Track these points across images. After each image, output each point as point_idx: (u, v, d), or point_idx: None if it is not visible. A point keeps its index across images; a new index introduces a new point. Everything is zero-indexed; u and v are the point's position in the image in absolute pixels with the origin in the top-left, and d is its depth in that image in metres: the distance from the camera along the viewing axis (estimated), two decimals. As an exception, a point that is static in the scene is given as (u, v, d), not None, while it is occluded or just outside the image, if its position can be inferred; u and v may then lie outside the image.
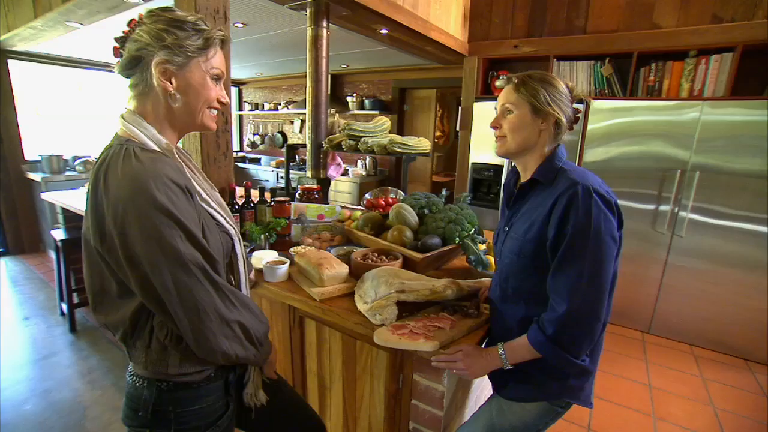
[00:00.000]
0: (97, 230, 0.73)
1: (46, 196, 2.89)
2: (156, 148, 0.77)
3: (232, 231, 0.88)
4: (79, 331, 2.67)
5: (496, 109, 1.05)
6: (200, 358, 0.80)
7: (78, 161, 3.93)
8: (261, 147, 6.40)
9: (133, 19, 0.76)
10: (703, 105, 2.50)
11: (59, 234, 2.63)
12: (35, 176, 3.77)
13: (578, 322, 0.86)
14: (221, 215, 0.86)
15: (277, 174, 5.64)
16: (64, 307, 2.71)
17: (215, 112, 0.86)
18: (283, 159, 5.84)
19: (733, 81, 2.46)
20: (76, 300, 2.71)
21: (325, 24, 2.17)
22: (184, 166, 0.84)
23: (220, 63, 0.82)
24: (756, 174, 2.42)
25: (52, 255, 3.95)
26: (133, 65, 0.76)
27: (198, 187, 0.82)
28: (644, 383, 2.34)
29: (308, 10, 2.15)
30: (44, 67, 4.29)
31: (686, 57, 2.63)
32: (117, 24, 2.83)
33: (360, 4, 2.13)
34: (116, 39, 0.77)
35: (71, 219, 2.80)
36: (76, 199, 2.67)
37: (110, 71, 4.75)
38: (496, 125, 1.03)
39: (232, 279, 0.93)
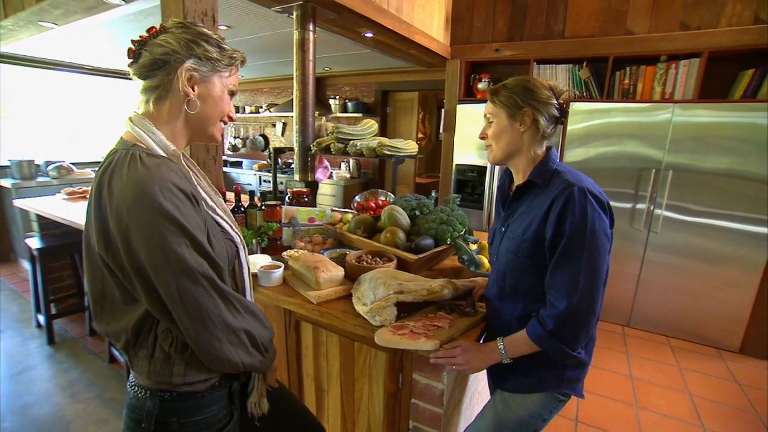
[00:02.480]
0: (102, 236, 0.72)
1: (18, 203, 2.76)
2: (162, 153, 0.77)
3: (237, 238, 0.88)
4: (58, 343, 2.56)
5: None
6: (205, 366, 0.79)
7: (51, 166, 3.77)
8: (242, 150, 6.31)
9: (153, 27, 0.78)
10: (674, 107, 2.63)
11: (34, 242, 2.52)
12: (5, 182, 3.60)
13: (577, 317, 0.90)
14: (226, 222, 0.86)
15: (260, 177, 5.56)
16: (41, 318, 2.60)
17: (224, 125, 0.89)
18: (265, 162, 5.78)
19: (700, 85, 2.60)
20: (54, 311, 2.61)
21: (311, 27, 2.18)
22: (190, 172, 0.84)
23: (236, 81, 0.88)
24: (722, 172, 2.56)
25: (25, 265, 3.78)
26: (156, 68, 0.77)
27: (203, 194, 0.82)
28: (626, 375, 2.44)
29: (295, 14, 2.15)
30: (8, 67, 4.09)
31: (658, 62, 2.76)
32: (92, 25, 2.75)
33: (346, 8, 2.14)
34: (134, 42, 0.78)
35: (47, 226, 2.69)
36: (51, 206, 2.56)
37: (81, 73, 4.66)
38: (483, 136, 1.10)
39: (236, 286, 0.92)
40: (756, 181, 2.48)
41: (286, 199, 2.04)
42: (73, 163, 3.98)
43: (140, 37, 0.79)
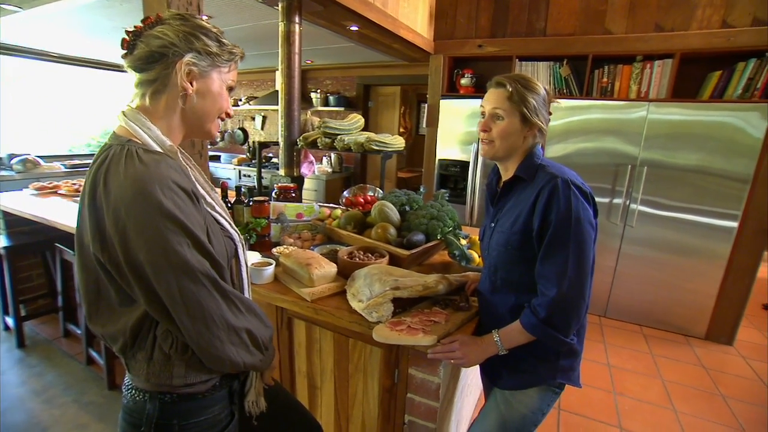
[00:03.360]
0: (97, 236, 0.69)
1: (-20, 199, 2.60)
2: (158, 149, 0.75)
3: (235, 236, 0.86)
4: (28, 346, 2.44)
5: (482, 107, 1.08)
6: (205, 367, 0.78)
7: (15, 160, 3.56)
8: (221, 144, 6.14)
9: (149, 17, 0.75)
10: (649, 105, 2.74)
11: (1, 241, 2.38)
12: (-37, 177, 3.38)
13: (567, 303, 0.93)
14: (225, 219, 0.84)
15: (239, 172, 5.43)
16: (9, 320, 2.47)
17: (220, 122, 0.87)
18: (244, 156, 5.65)
19: (673, 84, 2.71)
20: (23, 312, 2.48)
21: (297, 19, 2.13)
22: (188, 168, 0.81)
23: (234, 76, 0.85)
24: (692, 168, 2.69)
25: (-13, 264, 3.56)
26: (153, 61, 0.74)
27: (202, 191, 0.80)
28: (604, 363, 2.55)
29: (280, 5, 2.10)
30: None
31: (634, 61, 2.86)
32: (62, 10, 2.59)
33: (332, 0, 2.11)
34: (128, 32, 0.75)
35: (14, 224, 2.54)
36: (18, 202, 2.42)
37: (47, 61, 4.38)
38: (486, 128, 1.06)
39: (234, 284, 0.90)
40: (722, 177, 2.62)
41: (273, 194, 2.01)
42: (39, 156, 3.77)
43: (135, 27, 0.75)
